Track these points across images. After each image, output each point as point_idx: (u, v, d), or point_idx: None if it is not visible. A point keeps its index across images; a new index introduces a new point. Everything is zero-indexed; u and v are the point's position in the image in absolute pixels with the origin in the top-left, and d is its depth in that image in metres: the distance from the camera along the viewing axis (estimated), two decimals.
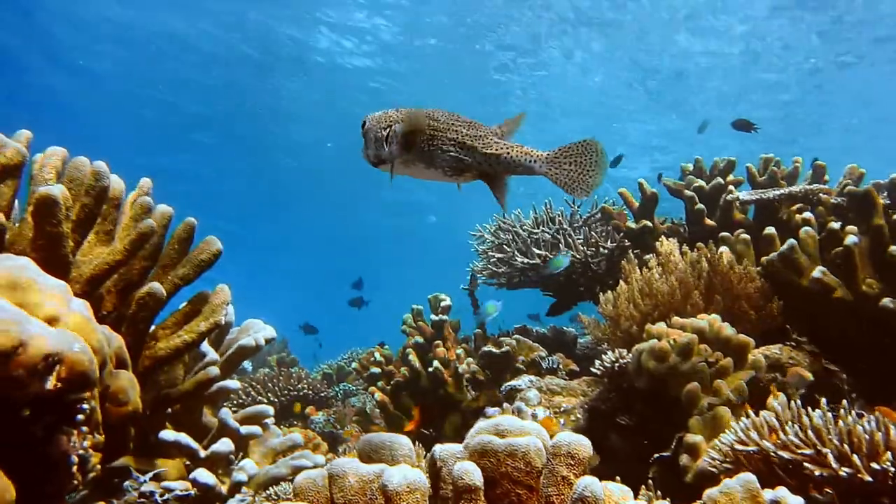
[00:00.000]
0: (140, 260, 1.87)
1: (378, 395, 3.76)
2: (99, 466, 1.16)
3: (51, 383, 1.02)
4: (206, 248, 1.94)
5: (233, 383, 2.30)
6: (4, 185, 1.66)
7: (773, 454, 1.64)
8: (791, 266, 2.77)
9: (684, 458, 2.53)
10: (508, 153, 1.73)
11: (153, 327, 1.90)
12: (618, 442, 2.87)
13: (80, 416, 1.13)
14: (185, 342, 1.84)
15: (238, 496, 1.27)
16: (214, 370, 1.93)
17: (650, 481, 2.38)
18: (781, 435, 1.64)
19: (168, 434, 2.05)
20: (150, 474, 1.34)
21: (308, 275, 31.58)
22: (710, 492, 1.40)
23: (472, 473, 1.13)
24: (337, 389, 6.09)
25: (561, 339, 4.37)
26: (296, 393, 4.61)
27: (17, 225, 1.73)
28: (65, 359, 1.04)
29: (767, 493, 1.39)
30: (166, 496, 1.33)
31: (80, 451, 1.10)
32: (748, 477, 1.40)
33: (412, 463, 1.34)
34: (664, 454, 2.67)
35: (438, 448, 1.38)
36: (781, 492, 1.34)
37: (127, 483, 1.31)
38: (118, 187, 1.88)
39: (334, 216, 22.68)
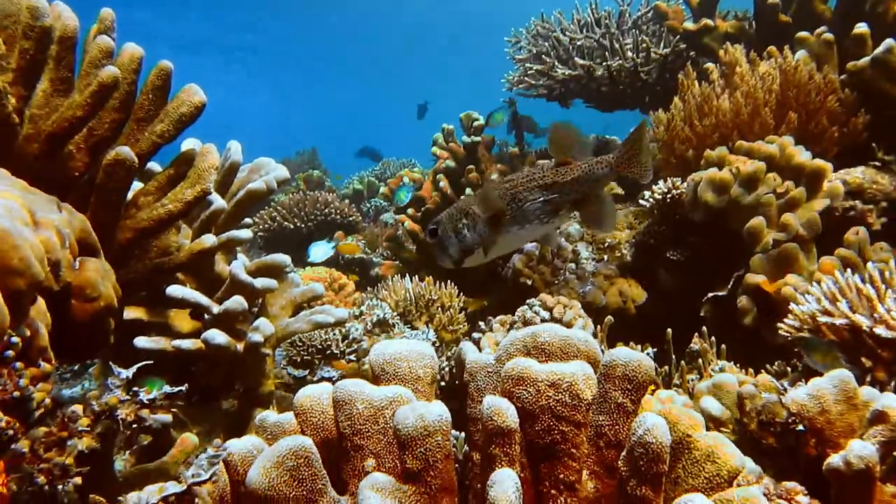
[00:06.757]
0: (110, 112, 1.56)
1: (408, 224, 3.55)
2: (49, 401, 0.95)
3: None
4: (185, 100, 1.61)
5: (243, 233, 2.08)
6: None
7: (866, 328, 1.38)
8: (886, 73, 2.32)
9: (743, 300, 2.30)
10: (589, 170, 1.65)
11: (133, 193, 1.63)
12: (667, 279, 2.64)
13: (10, 352, 0.90)
14: (170, 212, 1.58)
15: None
16: (211, 238, 1.69)
17: (704, 329, 2.17)
18: (880, 307, 1.37)
19: (175, 290, 1.87)
20: (133, 369, 1.14)
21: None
22: (795, 394, 1.16)
23: (504, 413, 0.89)
24: (368, 206, 5.93)
25: (604, 151, 4.02)
26: (323, 217, 4.43)
27: None
28: None
29: (865, 393, 1.15)
30: (154, 393, 1.14)
31: (15, 394, 0.89)
32: (842, 375, 1.14)
33: (434, 373, 1.12)
34: (719, 293, 2.44)
35: (469, 356, 1.15)
36: (888, 398, 1.09)
37: (109, 380, 1.12)
38: (69, 25, 1.52)
39: None
